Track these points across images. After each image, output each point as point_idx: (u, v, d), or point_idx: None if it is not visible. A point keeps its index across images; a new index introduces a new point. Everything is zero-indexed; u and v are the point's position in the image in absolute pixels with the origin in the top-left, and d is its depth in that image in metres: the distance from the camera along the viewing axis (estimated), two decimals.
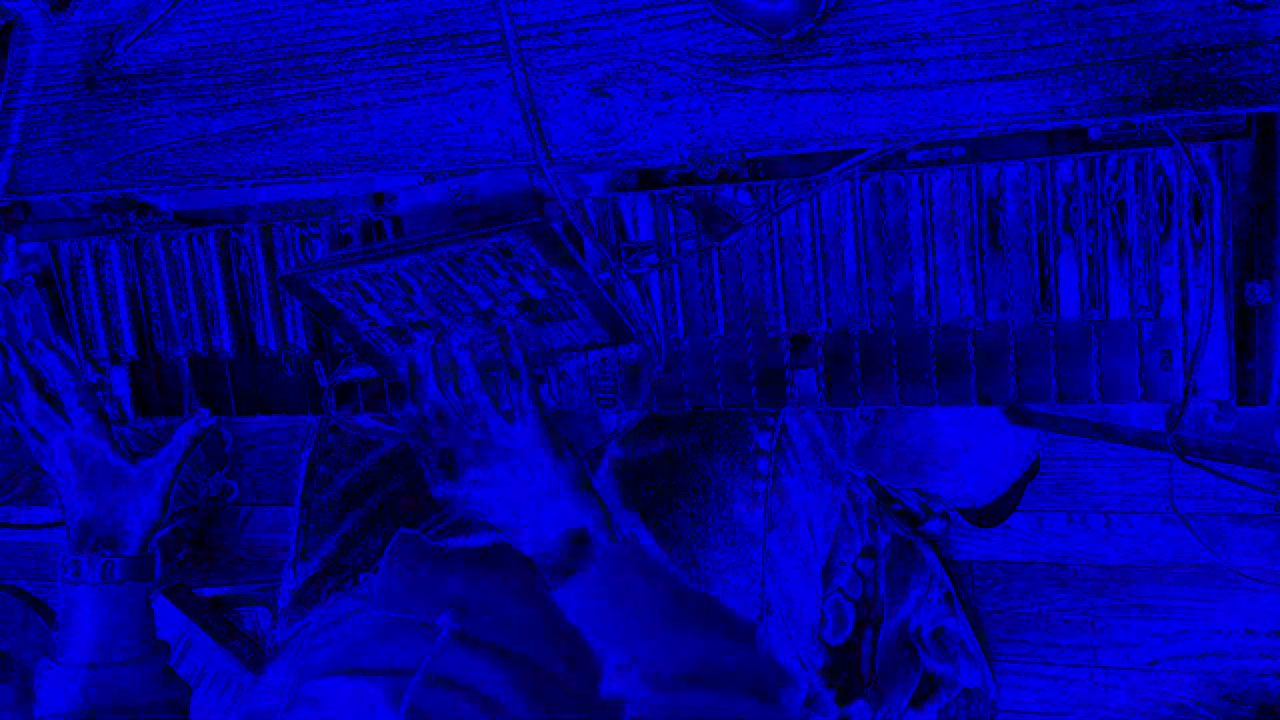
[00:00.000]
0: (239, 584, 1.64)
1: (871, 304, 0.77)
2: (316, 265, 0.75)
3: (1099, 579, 1.46)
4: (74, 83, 0.82)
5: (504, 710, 0.78)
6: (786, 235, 0.77)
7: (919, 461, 1.16)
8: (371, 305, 0.78)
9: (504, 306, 0.77)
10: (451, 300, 0.77)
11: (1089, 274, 0.71)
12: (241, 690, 1.62)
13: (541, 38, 0.72)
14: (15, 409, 0.90)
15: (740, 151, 0.72)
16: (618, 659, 0.77)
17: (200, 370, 0.92)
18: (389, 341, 0.81)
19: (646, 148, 0.72)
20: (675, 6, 0.70)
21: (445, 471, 0.81)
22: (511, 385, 0.79)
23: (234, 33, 0.78)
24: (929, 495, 1.38)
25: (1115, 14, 0.63)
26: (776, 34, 0.68)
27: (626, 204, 0.78)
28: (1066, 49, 0.64)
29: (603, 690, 0.77)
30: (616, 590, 0.78)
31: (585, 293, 0.76)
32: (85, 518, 0.89)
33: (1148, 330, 0.71)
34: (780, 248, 0.77)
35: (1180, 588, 1.43)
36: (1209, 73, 0.62)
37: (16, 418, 0.91)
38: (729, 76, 0.70)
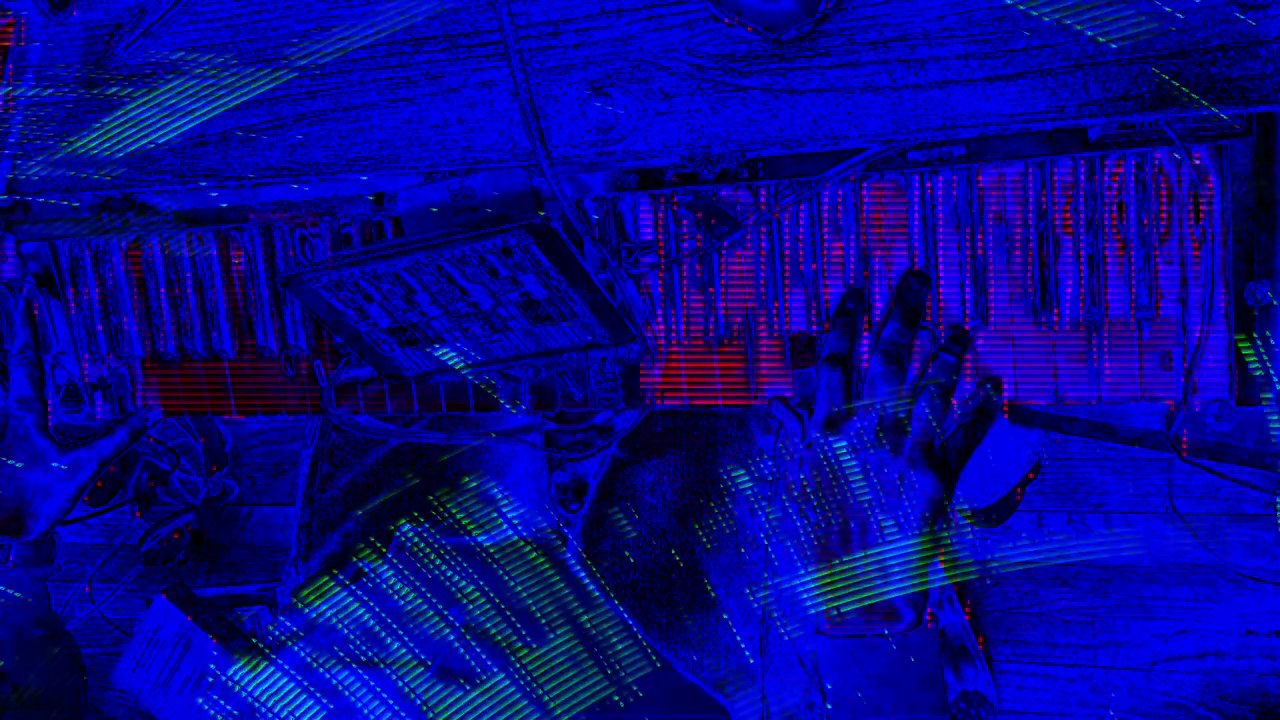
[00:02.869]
0: (239, 584, 1.63)
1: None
2: (316, 265, 0.75)
3: (1099, 579, 1.45)
4: (74, 83, 0.82)
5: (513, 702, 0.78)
6: (786, 235, 0.77)
7: None
8: (372, 305, 0.78)
9: (505, 306, 0.77)
10: (452, 300, 0.77)
11: (1089, 274, 0.71)
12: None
13: (541, 38, 0.72)
14: None
15: (740, 151, 0.72)
16: None
17: (199, 370, 0.92)
18: (389, 342, 0.81)
19: (646, 148, 0.72)
20: (675, 6, 0.70)
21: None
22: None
23: (234, 32, 0.78)
24: None
25: (1115, 14, 0.63)
26: (776, 34, 0.68)
27: (626, 204, 0.78)
28: (1066, 49, 0.64)
29: None
30: None
31: (585, 292, 0.76)
32: None
33: (1148, 330, 0.71)
34: (780, 248, 0.77)
35: (1180, 588, 1.42)
36: (1209, 73, 0.62)
37: None
38: (729, 76, 0.70)
